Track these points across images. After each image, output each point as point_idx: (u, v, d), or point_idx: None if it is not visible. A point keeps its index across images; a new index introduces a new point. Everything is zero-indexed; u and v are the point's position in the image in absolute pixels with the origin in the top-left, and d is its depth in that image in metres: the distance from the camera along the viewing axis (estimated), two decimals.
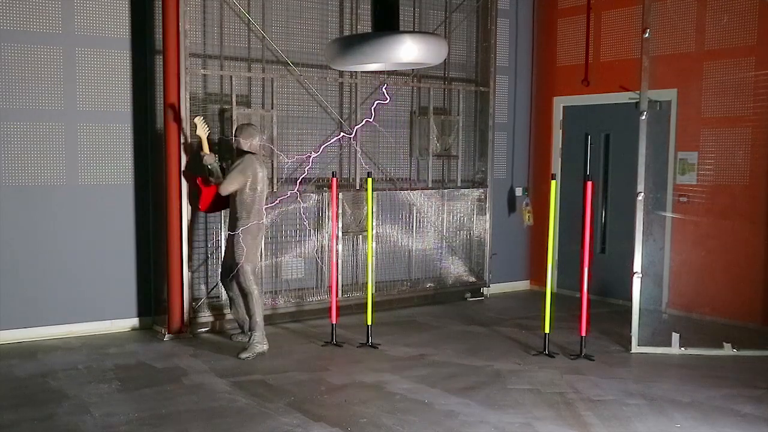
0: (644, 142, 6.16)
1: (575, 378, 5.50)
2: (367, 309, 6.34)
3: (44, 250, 6.35)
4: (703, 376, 5.57)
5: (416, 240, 8.01)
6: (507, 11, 8.62)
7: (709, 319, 7.15)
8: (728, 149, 7.14)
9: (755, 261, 7.00)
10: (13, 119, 6.17)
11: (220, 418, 4.60)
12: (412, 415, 4.69)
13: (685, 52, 7.39)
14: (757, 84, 6.90)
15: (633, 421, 4.62)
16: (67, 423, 4.49)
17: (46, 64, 6.27)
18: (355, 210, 7.50)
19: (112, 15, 6.50)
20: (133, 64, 6.62)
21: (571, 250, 8.08)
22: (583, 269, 6.02)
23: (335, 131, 7.44)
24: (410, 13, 7.72)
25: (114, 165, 6.61)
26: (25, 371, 5.51)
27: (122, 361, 5.81)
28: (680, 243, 7.43)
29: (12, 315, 6.24)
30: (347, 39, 5.25)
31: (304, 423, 4.53)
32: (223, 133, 6.80)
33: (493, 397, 5.04)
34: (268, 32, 7.00)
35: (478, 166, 8.44)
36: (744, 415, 4.74)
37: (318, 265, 7.42)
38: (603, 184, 8.24)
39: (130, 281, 6.75)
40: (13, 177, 6.21)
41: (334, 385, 5.29)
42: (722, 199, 7.15)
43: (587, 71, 8.22)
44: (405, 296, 7.91)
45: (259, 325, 6.01)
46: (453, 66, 8.20)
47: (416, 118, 8.03)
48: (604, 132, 8.23)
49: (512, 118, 8.84)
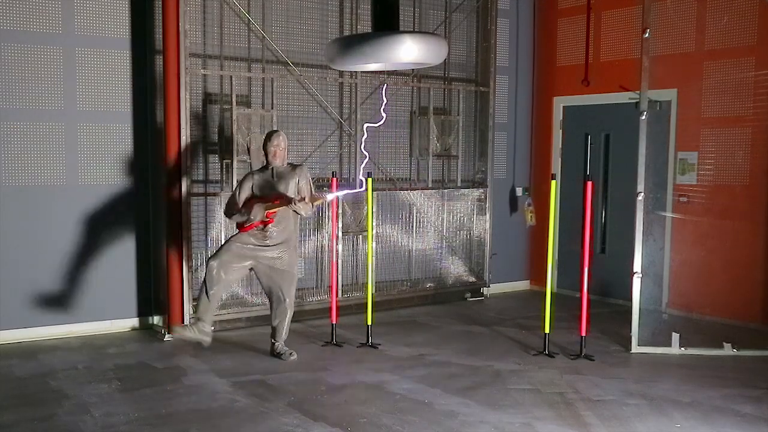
0: (644, 142, 6.16)
1: (575, 378, 5.49)
2: (367, 309, 6.34)
3: (44, 250, 6.35)
4: (703, 376, 5.56)
5: (416, 240, 8.01)
6: (507, 11, 8.62)
7: (709, 319, 7.15)
8: (728, 149, 7.14)
9: (755, 261, 7.00)
10: (13, 119, 6.17)
11: (220, 418, 4.60)
12: (412, 415, 4.69)
13: (685, 52, 7.39)
14: (757, 84, 6.89)
15: (633, 421, 4.62)
16: (67, 423, 4.49)
17: (46, 64, 6.27)
18: (355, 210, 7.50)
19: (112, 15, 6.50)
20: (133, 64, 6.62)
21: (571, 250, 8.08)
22: (583, 269, 6.02)
23: (335, 131, 7.45)
24: (410, 13, 7.72)
25: (114, 165, 6.61)
26: (25, 371, 5.51)
27: (122, 361, 5.81)
28: (680, 243, 7.43)
29: (12, 315, 6.24)
30: (347, 39, 5.25)
31: (304, 423, 4.53)
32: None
33: (493, 397, 5.04)
34: (268, 32, 7.00)
35: (478, 166, 8.44)
36: (744, 415, 4.74)
37: (318, 265, 7.43)
38: (603, 184, 8.24)
39: (130, 281, 6.75)
40: (13, 177, 6.21)
41: (334, 385, 5.29)
42: (722, 199, 7.14)
43: (587, 71, 8.21)
44: (405, 296, 7.90)
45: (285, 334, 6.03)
46: (453, 66, 8.20)
47: (416, 118, 8.03)
48: (604, 132, 8.23)
49: (512, 118, 8.84)
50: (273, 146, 5.77)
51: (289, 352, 5.90)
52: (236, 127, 6.71)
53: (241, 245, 5.77)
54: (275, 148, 5.78)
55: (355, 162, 7.57)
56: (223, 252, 5.78)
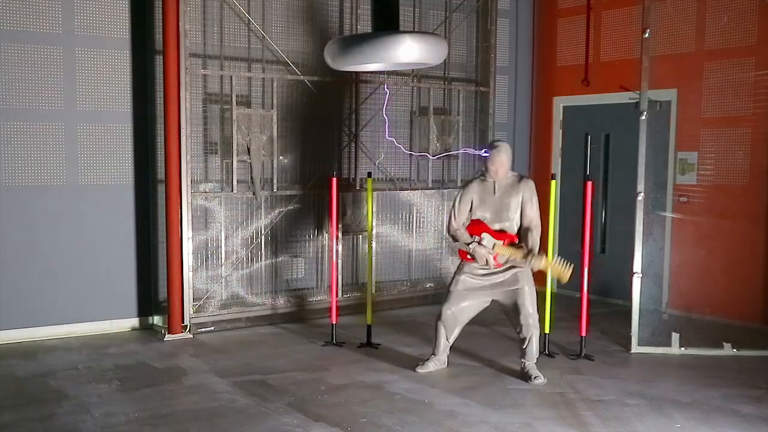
0: (644, 142, 6.16)
1: (575, 378, 5.50)
2: (367, 309, 6.34)
3: (44, 250, 6.35)
4: (703, 376, 5.56)
5: (416, 240, 8.01)
6: (507, 11, 8.62)
7: (709, 319, 7.15)
8: (728, 149, 7.14)
9: (755, 261, 7.00)
10: (13, 119, 6.17)
11: (220, 418, 4.60)
12: (412, 415, 4.69)
13: (685, 52, 7.39)
14: (757, 84, 6.89)
15: (633, 421, 4.62)
16: (67, 423, 4.49)
17: (46, 64, 6.27)
18: (355, 210, 7.50)
19: (112, 15, 6.50)
20: (133, 64, 6.62)
21: (571, 250, 8.07)
22: (583, 269, 6.02)
23: (335, 131, 7.45)
24: (410, 13, 7.72)
25: (114, 165, 6.61)
26: (25, 371, 5.51)
27: (122, 361, 5.81)
28: (680, 243, 7.43)
29: (12, 315, 6.24)
30: (347, 39, 5.25)
31: (304, 423, 4.53)
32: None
33: (493, 397, 5.04)
34: (268, 32, 7.00)
35: (478, 166, 8.43)
36: (744, 415, 4.74)
37: (318, 265, 7.43)
38: (603, 184, 8.24)
39: (130, 281, 6.75)
40: (13, 177, 6.20)
41: (334, 385, 5.29)
42: (722, 199, 7.15)
43: (587, 71, 8.22)
44: (405, 296, 7.90)
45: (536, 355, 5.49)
46: (453, 66, 8.20)
47: (416, 118, 8.03)
48: (604, 132, 8.23)
49: (512, 118, 8.84)
50: (495, 164, 5.29)
51: (536, 375, 5.35)
52: (236, 127, 6.71)
53: (467, 278, 5.43)
54: (497, 166, 5.30)
55: (355, 162, 7.56)
56: (452, 297, 5.48)
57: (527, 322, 5.35)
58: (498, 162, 5.30)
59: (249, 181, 6.91)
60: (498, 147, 5.37)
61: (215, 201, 6.80)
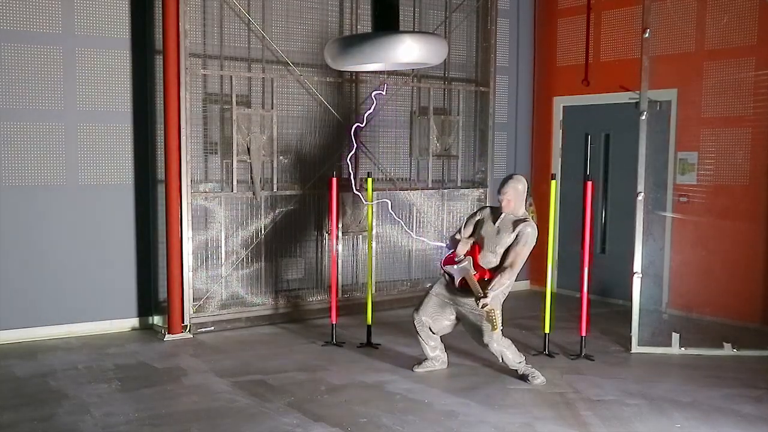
0: (644, 142, 6.16)
1: (575, 378, 5.50)
2: (367, 309, 6.34)
3: (44, 250, 6.35)
4: (703, 376, 5.56)
5: (416, 240, 8.00)
6: (507, 11, 8.62)
7: (709, 319, 7.15)
8: (728, 149, 7.14)
9: (755, 261, 7.00)
10: (13, 119, 6.17)
11: (220, 418, 4.60)
12: (412, 415, 4.69)
13: (685, 52, 7.39)
14: (757, 84, 6.89)
15: (633, 421, 4.62)
16: (67, 423, 4.49)
17: (46, 64, 6.27)
18: (355, 210, 7.50)
19: (112, 15, 6.50)
20: (133, 64, 6.62)
21: (571, 250, 8.07)
22: (583, 269, 6.02)
23: (335, 131, 7.44)
24: (410, 13, 7.72)
25: (114, 165, 6.61)
26: (25, 371, 5.51)
27: (122, 361, 5.81)
28: (680, 243, 7.43)
29: (12, 315, 6.24)
30: (347, 39, 5.25)
31: (304, 423, 4.53)
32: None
33: (493, 397, 5.04)
34: (268, 32, 7.00)
35: (478, 166, 8.44)
36: (744, 415, 4.74)
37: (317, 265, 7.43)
38: (603, 184, 8.24)
39: (130, 281, 6.75)
40: (13, 177, 6.20)
41: (334, 385, 5.29)
42: (722, 199, 7.14)
43: (587, 71, 8.21)
44: (405, 296, 7.89)
45: (519, 362, 5.45)
46: (453, 66, 8.20)
47: (416, 118, 8.03)
48: (604, 132, 8.23)
49: (512, 118, 8.84)
50: (502, 194, 5.29)
51: (532, 374, 5.37)
52: (236, 127, 6.71)
53: (442, 289, 5.49)
54: (503, 196, 5.28)
55: (355, 162, 7.55)
56: (422, 303, 5.57)
57: (493, 348, 5.36)
58: (505, 196, 5.30)
59: (249, 181, 6.91)
60: (508, 182, 5.36)
61: (215, 201, 6.80)
